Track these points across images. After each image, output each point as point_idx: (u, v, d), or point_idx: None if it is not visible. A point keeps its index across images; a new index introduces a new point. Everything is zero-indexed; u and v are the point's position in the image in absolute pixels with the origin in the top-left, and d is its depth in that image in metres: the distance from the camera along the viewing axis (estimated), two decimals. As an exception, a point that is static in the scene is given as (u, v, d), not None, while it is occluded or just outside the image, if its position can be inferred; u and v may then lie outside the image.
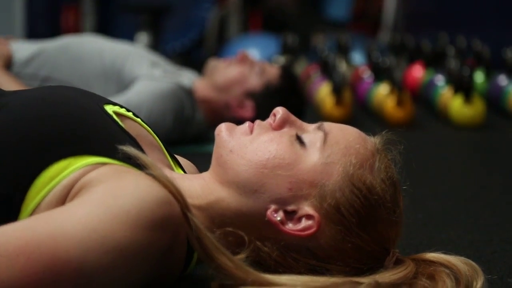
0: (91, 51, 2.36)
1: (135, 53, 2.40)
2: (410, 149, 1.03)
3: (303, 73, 3.84)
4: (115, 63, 2.35)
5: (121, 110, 1.06)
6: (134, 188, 0.87)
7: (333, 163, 0.97)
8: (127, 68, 2.34)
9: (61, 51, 2.35)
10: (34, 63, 2.33)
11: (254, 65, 2.38)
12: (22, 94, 1.02)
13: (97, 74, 2.34)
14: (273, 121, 1.01)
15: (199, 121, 2.41)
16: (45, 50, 2.35)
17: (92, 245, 0.82)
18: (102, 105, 1.03)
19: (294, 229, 0.95)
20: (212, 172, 1.00)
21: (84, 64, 2.34)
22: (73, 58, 2.34)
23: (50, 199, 0.89)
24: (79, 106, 0.99)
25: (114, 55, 2.36)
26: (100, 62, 2.34)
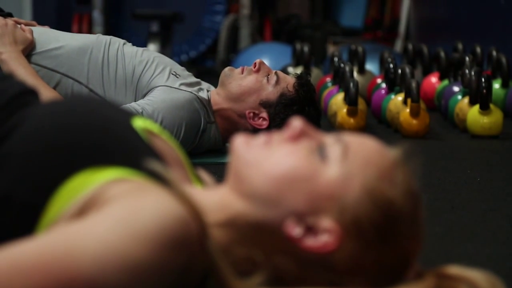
0: (114, 55, 2.34)
1: (158, 61, 2.37)
2: (426, 160, 1.01)
3: (317, 83, 3.82)
4: (136, 70, 2.33)
5: (147, 125, 1.06)
6: (155, 206, 0.85)
7: (352, 176, 0.95)
8: (147, 76, 2.32)
9: (84, 51, 2.32)
10: (55, 58, 2.29)
11: (269, 74, 2.35)
12: (47, 104, 1.02)
13: (117, 79, 2.31)
14: (291, 132, 0.99)
15: (214, 131, 2.39)
16: (69, 47, 2.30)
17: (109, 263, 0.81)
18: (128, 119, 1.03)
19: (313, 244, 0.93)
20: (229, 185, 0.98)
21: (105, 67, 2.31)
22: (96, 60, 2.32)
23: (71, 210, 0.88)
24: (106, 119, 1.00)
25: (136, 61, 2.34)
26: (122, 68, 2.32)
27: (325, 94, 3.55)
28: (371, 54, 4.34)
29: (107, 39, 2.39)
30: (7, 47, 2.23)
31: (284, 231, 0.93)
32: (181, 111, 2.28)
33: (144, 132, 1.03)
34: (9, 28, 2.26)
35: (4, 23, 2.27)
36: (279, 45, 5.47)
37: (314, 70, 4.05)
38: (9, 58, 2.21)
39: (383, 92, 3.42)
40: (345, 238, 0.93)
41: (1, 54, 2.22)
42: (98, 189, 0.89)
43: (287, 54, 4.63)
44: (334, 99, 3.25)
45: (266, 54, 4.82)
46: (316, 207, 0.93)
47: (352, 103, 3.03)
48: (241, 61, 4.85)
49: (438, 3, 5.38)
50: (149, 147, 1.00)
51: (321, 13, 6.73)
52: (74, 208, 0.88)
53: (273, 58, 4.59)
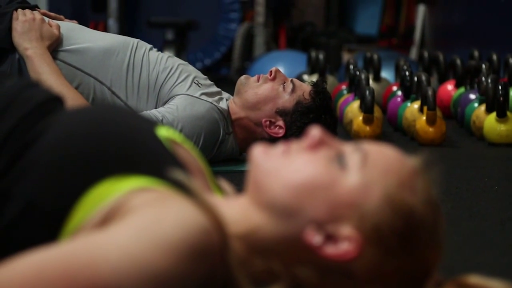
0: (139, 60, 2.33)
1: (181, 69, 2.37)
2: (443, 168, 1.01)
3: (333, 91, 3.82)
4: (160, 76, 2.32)
5: (171, 134, 1.06)
6: (177, 216, 0.85)
7: (372, 184, 0.95)
8: (169, 83, 2.32)
9: (110, 53, 2.30)
10: (81, 58, 2.27)
11: (285, 82, 2.35)
12: (72, 112, 1.02)
13: (140, 84, 2.31)
14: (310, 141, 0.98)
15: (232, 142, 2.38)
16: (95, 48, 2.28)
17: (131, 272, 0.81)
18: (152, 128, 1.03)
19: (333, 253, 0.93)
20: (248, 195, 0.98)
21: (129, 72, 2.31)
22: (120, 64, 2.30)
23: (94, 219, 0.89)
24: (130, 127, 1.00)
25: (161, 68, 2.34)
26: (146, 73, 2.32)
27: (341, 102, 3.54)
28: (386, 61, 4.33)
29: (134, 42, 2.37)
30: (33, 43, 2.20)
31: (304, 239, 0.93)
32: (201, 121, 2.27)
33: (167, 141, 1.03)
34: (37, 23, 2.23)
35: (32, 17, 2.24)
36: (294, 52, 5.47)
37: (329, 78, 4.05)
38: (34, 54, 2.19)
39: (399, 100, 3.40)
40: (365, 246, 0.93)
41: (26, 50, 2.19)
42: (121, 198, 0.89)
43: (302, 62, 4.63)
44: (350, 106, 3.24)
45: (281, 62, 4.83)
46: (336, 215, 0.93)
47: (368, 111, 3.02)
48: (256, 69, 4.85)
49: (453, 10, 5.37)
50: (172, 157, 1.00)
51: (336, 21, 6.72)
52: (97, 217, 0.89)
53: (288, 66, 4.59)
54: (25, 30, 2.21)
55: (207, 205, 0.88)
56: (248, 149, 2.38)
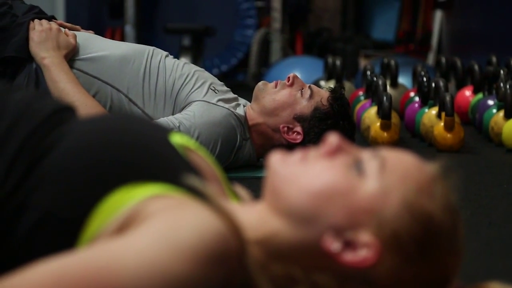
0: (156, 67, 2.34)
1: (198, 76, 2.37)
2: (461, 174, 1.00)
3: (350, 97, 3.81)
4: (176, 83, 2.33)
5: (185, 141, 1.06)
6: (194, 221, 0.85)
7: (391, 190, 0.94)
8: (186, 90, 2.32)
9: (126, 61, 2.31)
10: (97, 66, 2.28)
11: (303, 88, 2.34)
12: (86, 121, 1.02)
13: (157, 91, 2.32)
14: (327, 148, 0.98)
15: (249, 148, 2.38)
16: (112, 56, 2.29)
17: (149, 278, 0.81)
18: (166, 135, 1.03)
19: (352, 260, 0.92)
20: (266, 202, 0.98)
21: (146, 78, 2.31)
22: (137, 71, 2.31)
23: (111, 226, 0.89)
24: (144, 135, 1.00)
25: (177, 74, 2.34)
26: (163, 80, 2.32)
27: (358, 108, 3.53)
28: (404, 67, 4.32)
29: (150, 50, 2.38)
30: (50, 52, 2.22)
31: (322, 246, 0.93)
32: (218, 128, 2.27)
33: (181, 148, 1.03)
34: (53, 32, 2.25)
35: (48, 27, 2.26)
36: (310, 58, 5.46)
37: (346, 84, 4.04)
38: (51, 63, 2.20)
39: (416, 106, 3.39)
40: (384, 253, 0.92)
41: (43, 59, 2.21)
42: (138, 205, 0.89)
43: (319, 68, 4.62)
44: (367, 113, 3.23)
45: (297, 67, 4.82)
46: (354, 221, 0.93)
47: (386, 117, 3.01)
48: (272, 75, 4.85)
49: (471, 15, 5.35)
50: (187, 163, 1.00)
51: (353, 27, 6.71)
52: (114, 224, 0.89)
53: (305, 72, 4.59)
54: (42, 39, 2.23)
55: (223, 210, 0.88)
56: (265, 155, 2.38)
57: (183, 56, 5.10)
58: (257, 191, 1.04)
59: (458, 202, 0.98)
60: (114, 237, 0.87)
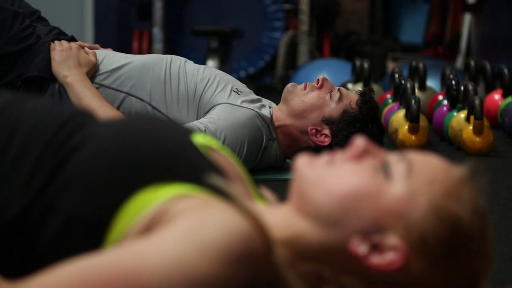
0: (176, 73, 2.35)
1: (219, 79, 2.38)
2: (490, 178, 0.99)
3: (378, 100, 3.79)
4: (198, 87, 2.34)
5: (207, 141, 1.07)
6: (220, 221, 0.85)
7: (418, 193, 0.94)
8: (208, 93, 2.33)
9: (146, 69, 2.34)
10: (118, 78, 2.32)
11: (332, 91, 2.34)
12: (108, 123, 1.03)
13: (180, 96, 2.33)
14: (354, 151, 0.98)
15: (276, 148, 2.38)
16: (131, 66, 2.34)
17: (176, 279, 0.81)
18: (188, 135, 1.03)
19: (379, 263, 0.92)
20: (292, 204, 0.98)
21: (167, 84, 2.33)
22: (158, 78, 2.34)
23: (136, 227, 0.89)
24: (167, 136, 1.01)
25: (198, 78, 2.35)
26: (184, 85, 2.34)
27: (386, 111, 3.52)
28: (432, 70, 4.29)
29: (169, 57, 2.41)
30: (72, 70, 2.26)
31: (349, 249, 0.93)
32: (243, 129, 2.27)
33: (204, 148, 1.04)
34: (73, 51, 2.30)
35: (68, 47, 2.31)
36: (338, 61, 5.45)
37: (374, 87, 4.02)
38: (74, 81, 2.24)
39: (445, 109, 3.37)
40: (411, 256, 0.92)
41: (66, 78, 2.25)
42: (162, 205, 0.90)
43: (346, 71, 4.61)
44: (395, 116, 3.21)
45: (324, 70, 4.81)
46: (381, 224, 0.93)
47: (414, 120, 2.99)
48: (299, 77, 4.84)
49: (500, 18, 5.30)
50: (210, 163, 1.00)
51: (381, 29, 6.68)
52: (139, 225, 0.89)
53: (332, 75, 4.57)
54: (63, 58, 2.28)
55: (248, 210, 0.88)
56: (292, 156, 2.38)
57: (210, 59, 5.11)
58: (284, 193, 1.04)
59: (487, 205, 0.97)
60: (140, 238, 0.87)
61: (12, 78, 2.26)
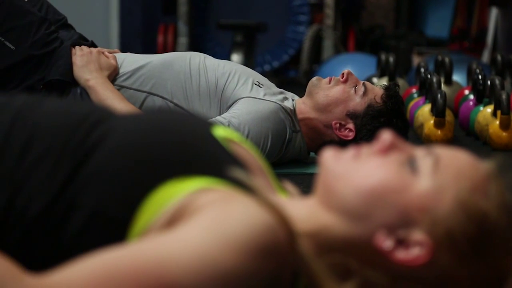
0: (196, 69, 2.36)
1: (240, 72, 2.38)
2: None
3: (403, 94, 3.77)
4: (219, 82, 2.34)
5: (228, 134, 1.06)
6: (243, 214, 0.86)
7: (444, 188, 0.93)
8: (230, 88, 2.33)
9: (166, 67, 2.36)
10: (138, 78, 2.35)
11: (357, 85, 2.33)
12: (128, 118, 1.03)
13: (201, 92, 2.34)
14: (381, 145, 0.97)
15: (300, 141, 2.38)
16: (150, 65, 2.37)
17: (200, 271, 0.81)
18: (209, 129, 1.03)
19: (405, 258, 0.92)
20: (317, 197, 0.98)
21: (188, 81, 2.34)
22: (178, 75, 2.35)
23: (159, 221, 0.89)
24: (187, 129, 1.01)
25: (219, 73, 2.36)
26: (205, 80, 2.34)
27: (411, 105, 3.50)
28: (458, 64, 4.26)
29: (188, 54, 2.43)
30: (93, 73, 2.29)
31: (374, 244, 0.92)
32: (267, 122, 2.27)
33: (225, 141, 1.03)
34: (94, 55, 2.34)
35: (89, 51, 2.35)
36: (362, 55, 5.42)
37: (399, 81, 4.00)
38: (96, 84, 2.28)
39: (471, 104, 3.34)
40: (437, 251, 0.92)
41: (88, 81, 2.29)
42: (185, 199, 0.90)
43: (371, 65, 4.59)
44: (421, 110, 3.20)
45: (349, 64, 4.79)
46: (407, 219, 0.92)
47: (440, 115, 2.98)
48: (324, 71, 4.83)
49: (528, 12, 5.24)
50: (231, 156, 1.00)
51: (406, 23, 6.64)
52: (162, 219, 0.89)
53: (357, 69, 4.55)
54: (84, 63, 2.32)
55: (270, 202, 0.88)
56: (315, 149, 2.39)
57: (235, 52, 5.11)
58: (308, 187, 1.03)
59: (513, 202, 0.97)
60: (163, 231, 0.88)
61: (33, 81, 2.30)
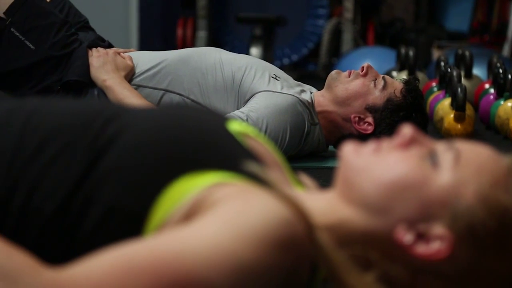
0: (212, 64, 2.37)
1: (256, 66, 2.38)
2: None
3: (423, 88, 3.75)
4: (236, 76, 2.34)
5: (243, 128, 1.07)
6: (260, 207, 0.86)
7: (465, 182, 0.93)
8: (247, 82, 2.33)
9: (181, 63, 2.37)
10: (155, 76, 2.37)
11: (377, 79, 2.32)
12: (142, 113, 1.03)
13: (217, 87, 2.34)
14: (401, 139, 0.97)
15: (318, 133, 2.38)
16: (166, 62, 2.38)
17: (219, 264, 0.81)
18: (224, 123, 1.04)
19: (425, 252, 0.92)
20: (337, 191, 0.98)
21: (204, 76, 2.35)
22: (194, 71, 2.36)
23: (176, 215, 0.89)
24: (202, 124, 1.01)
25: (235, 68, 2.36)
26: (221, 75, 2.35)
27: (431, 99, 3.48)
28: (478, 58, 4.23)
29: (203, 50, 2.45)
30: (110, 74, 2.32)
31: (394, 237, 0.92)
32: (285, 115, 2.27)
33: (240, 135, 1.04)
34: (110, 56, 2.37)
35: (105, 52, 2.38)
36: (382, 49, 5.40)
37: (419, 75, 3.98)
38: (113, 83, 2.30)
39: (491, 98, 3.32)
40: (458, 246, 0.91)
41: (105, 81, 2.31)
42: (202, 193, 0.90)
43: (390, 58, 4.57)
44: (441, 104, 3.18)
45: (368, 58, 4.77)
46: (427, 213, 0.92)
47: (460, 109, 2.96)
48: (343, 65, 4.81)
49: (549, 6, 5.20)
50: (247, 150, 1.00)
51: (426, 17, 6.60)
52: (179, 213, 0.89)
53: (376, 62, 4.53)
54: (100, 64, 2.34)
55: (287, 195, 0.88)
56: (334, 142, 2.39)
57: (254, 46, 5.10)
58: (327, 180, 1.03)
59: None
60: (180, 225, 0.88)
61: (51, 82, 2.33)
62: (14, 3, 2.30)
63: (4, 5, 2.30)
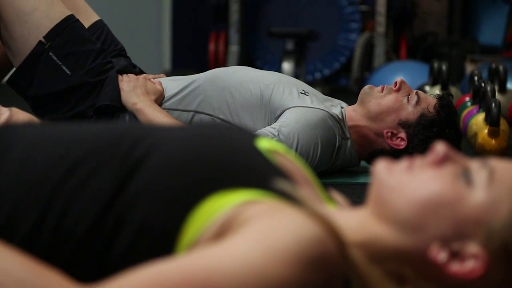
0: (240, 82, 2.38)
1: (284, 83, 2.39)
2: None
3: (456, 103, 3.73)
4: (264, 93, 2.35)
5: (272, 145, 1.06)
6: (291, 225, 0.85)
7: (500, 201, 0.93)
8: (276, 99, 2.34)
9: (209, 83, 2.40)
10: (184, 99, 2.40)
11: (410, 94, 2.32)
12: (171, 132, 1.04)
13: (246, 105, 2.35)
14: (435, 157, 0.97)
15: (350, 147, 2.37)
16: (194, 85, 2.41)
17: (251, 282, 0.81)
18: (253, 141, 1.04)
19: (459, 271, 0.91)
20: (369, 208, 0.98)
21: (232, 95, 2.36)
22: (222, 90, 2.38)
23: (206, 234, 0.89)
24: (231, 142, 1.01)
25: (263, 85, 2.37)
26: (249, 93, 2.36)
27: (465, 114, 3.46)
28: (512, 72, 4.19)
29: (230, 69, 2.47)
30: (141, 97, 2.36)
31: (428, 256, 0.92)
32: (315, 130, 2.27)
33: (269, 152, 1.04)
34: (140, 80, 2.41)
35: (135, 77, 2.42)
36: (414, 63, 5.38)
37: (452, 89, 3.95)
38: (144, 106, 2.34)
39: (526, 113, 3.29)
40: (492, 264, 0.91)
41: (136, 104, 2.35)
42: (232, 211, 0.90)
43: (423, 73, 4.54)
44: (474, 119, 3.16)
45: (401, 72, 4.75)
46: (461, 232, 0.92)
47: (494, 124, 2.93)
48: (375, 79, 4.80)
49: None
50: (276, 168, 1.00)
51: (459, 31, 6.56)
52: (210, 232, 0.89)
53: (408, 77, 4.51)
54: (131, 88, 2.39)
55: (318, 213, 0.88)
56: (366, 156, 2.38)
57: (286, 60, 5.11)
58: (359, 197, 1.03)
59: None
60: (210, 244, 0.88)
61: (85, 108, 2.38)
62: (55, 28, 2.35)
63: (45, 29, 2.35)
